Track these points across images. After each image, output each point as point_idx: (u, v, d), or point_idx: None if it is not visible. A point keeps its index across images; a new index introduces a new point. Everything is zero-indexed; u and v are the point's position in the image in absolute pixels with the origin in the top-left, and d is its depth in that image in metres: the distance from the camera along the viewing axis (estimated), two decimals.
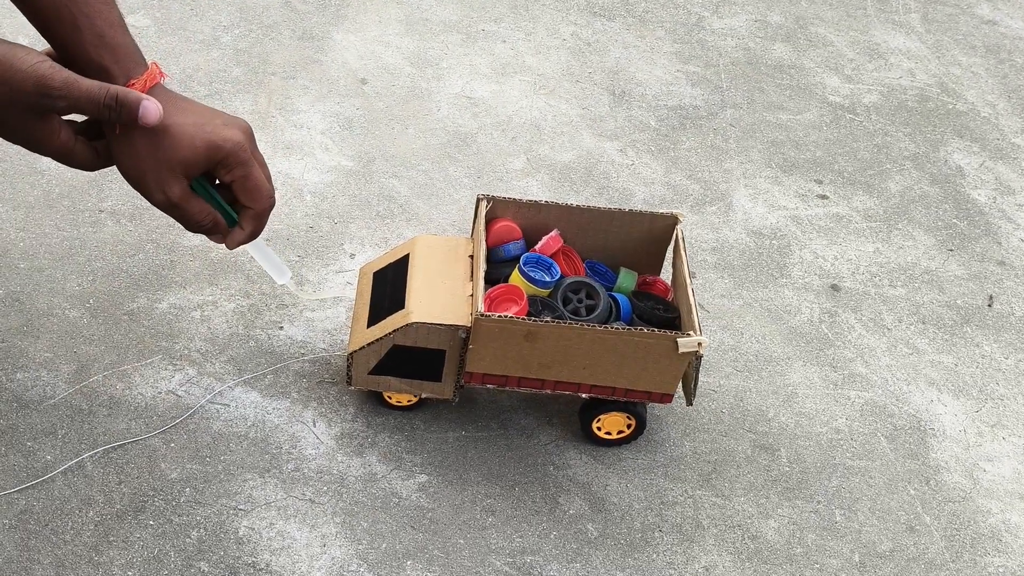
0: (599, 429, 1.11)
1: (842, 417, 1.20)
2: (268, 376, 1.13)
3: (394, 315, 1.04)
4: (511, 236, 1.12)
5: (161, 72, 0.86)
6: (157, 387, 1.09)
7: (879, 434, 1.19)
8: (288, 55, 1.60)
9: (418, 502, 1.04)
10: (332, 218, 1.34)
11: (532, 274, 1.07)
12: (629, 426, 1.10)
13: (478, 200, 1.11)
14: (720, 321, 1.29)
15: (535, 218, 1.12)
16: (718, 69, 1.75)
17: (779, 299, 1.34)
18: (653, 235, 1.14)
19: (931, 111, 1.74)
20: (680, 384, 1.07)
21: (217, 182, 0.89)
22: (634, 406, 1.08)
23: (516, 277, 1.07)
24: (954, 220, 1.53)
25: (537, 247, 1.11)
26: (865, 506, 1.11)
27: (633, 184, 1.49)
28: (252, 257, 0.99)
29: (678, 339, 1.00)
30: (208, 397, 1.09)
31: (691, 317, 1.02)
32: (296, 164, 1.41)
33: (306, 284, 1.24)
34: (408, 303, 1.04)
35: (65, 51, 0.84)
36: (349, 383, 1.07)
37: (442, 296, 1.04)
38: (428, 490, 1.05)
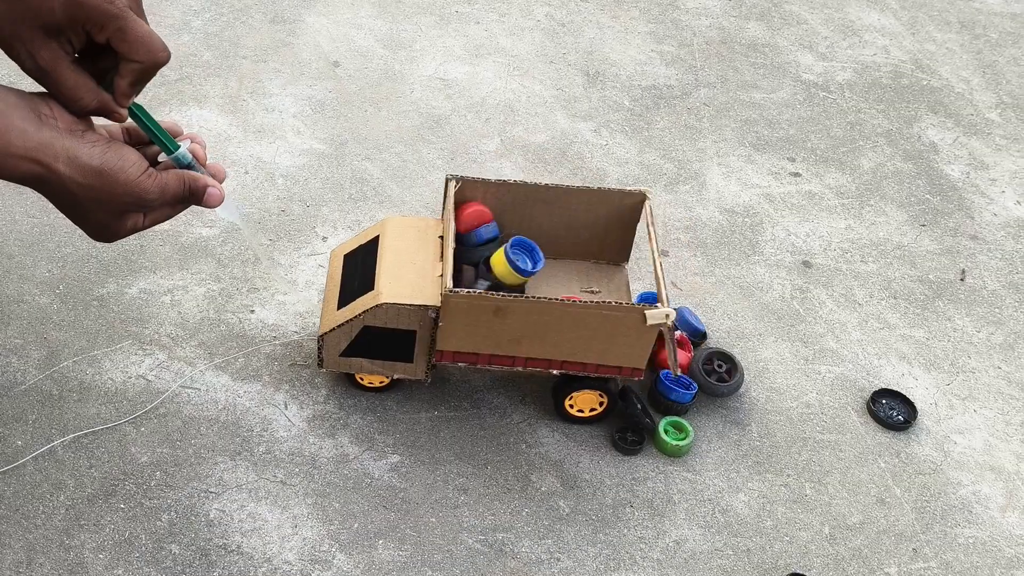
0: (572, 407, 1.11)
1: (813, 392, 1.21)
2: (239, 360, 1.13)
3: (364, 296, 1.04)
4: (482, 220, 1.12)
5: None
6: (127, 372, 1.09)
7: (849, 408, 1.20)
8: (259, 38, 1.59)
9: (390, 482, 1.04)
10: (304, 201, 1.33)
11: (516, 261, 1.07)
12: (601, 403, 1.11)
13: (447, 180, 1.11)
14: (693, 299, 1.30)
15: (504, 197, 1.12)
16: (692, 49, 1.75)
17: (751, 276, 1.35)
18: (622, 213, 1.14)
19: (905, 87, 1.75)
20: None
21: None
22: (604, 383, 1.09)
23: (499, 260, 1.07)
24: (927, 195, 1.54)
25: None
26: (835, 479, 1.12)
27: (607, 164, 1.49)
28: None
29: (646, 311, 1.00)
30: (179, 381, 1.09)
31: (659, 290, 1.03)
32: (268, 148, 1.40)
33: (278, 267, 1.24)
34: (378, 284, 1.04)
35: None
36: (320, 365, 1.07)
37: (412, 277, 1.05)
38: (400, 470, 1.06)
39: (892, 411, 1.20)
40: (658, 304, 1.01)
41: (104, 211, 0.78)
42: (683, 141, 1.55)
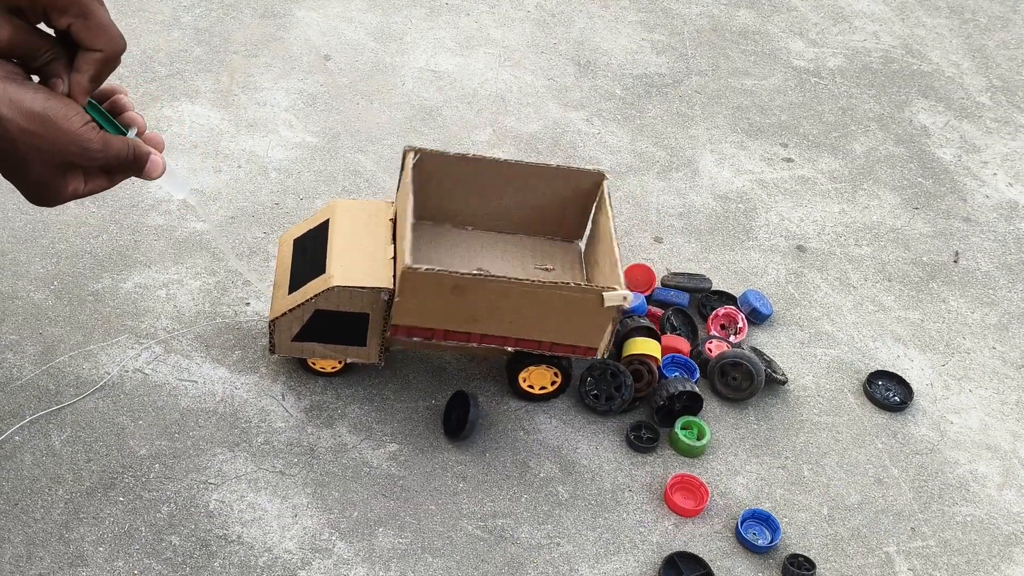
0: (526, 383, 1.11)
1: (809, 375, 1.21)
2: (236, 352, 1.13)
3: (315, 280, 1.03)
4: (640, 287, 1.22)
5: None
6: (124, 366, 1.09)
7: (846, 390, 1.20)
8: (250, 33, 1.59)
9: (389, 470, 1.04)
10: (297, 194, 1.33)
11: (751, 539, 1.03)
12: (556, 379, 1.11)
13: (405, 152, 1.10)
14: None
15: (464, 171, 1.12)
16: (683, 37, 1.76)
17: (746, 261, 1.35)
18: (579, 192, 1.14)
19: (896, 72, 1.75)
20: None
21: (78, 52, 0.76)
22: (559, 359, 1.08)
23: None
24: (919, 179, 1.54)
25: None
26: (833, 460, 1.12)
27: (600, 153, 1.49)
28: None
29: (604, 293, 1.00)
30: (175, 374, 1.09)
31: (615, 272, 1.03)
32: (260, 142, 1.40)
33: (271, 261, 1.24)
34: (329, 267, 1.03)
35: None
36: (272, 351, 1.07)
37: (363, 259, 1.04)
38: (399, 458, 1.06)
39: (888, 392, 1.20)
40: (615, 287, 1.01)
41: (45, 163, 0.75)
42: (675, 129, 1.55)
